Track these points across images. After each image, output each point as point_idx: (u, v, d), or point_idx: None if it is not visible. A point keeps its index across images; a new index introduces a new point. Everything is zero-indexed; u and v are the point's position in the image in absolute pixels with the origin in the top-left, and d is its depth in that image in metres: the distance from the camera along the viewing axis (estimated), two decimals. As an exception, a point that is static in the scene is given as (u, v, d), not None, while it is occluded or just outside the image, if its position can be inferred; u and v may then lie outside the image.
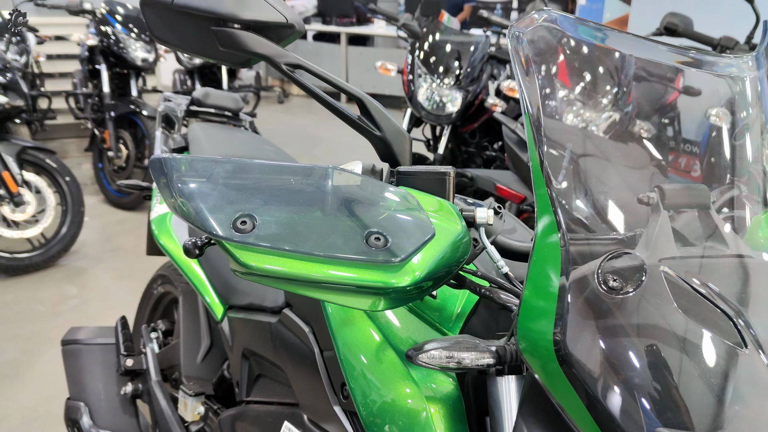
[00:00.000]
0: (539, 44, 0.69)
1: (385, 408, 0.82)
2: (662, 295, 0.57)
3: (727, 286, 0.59)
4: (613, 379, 0.56)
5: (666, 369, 0.55)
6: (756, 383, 0.54)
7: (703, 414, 0.53)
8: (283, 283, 0.68)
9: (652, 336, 0.56)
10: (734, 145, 0.69)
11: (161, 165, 0.69)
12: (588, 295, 0.59)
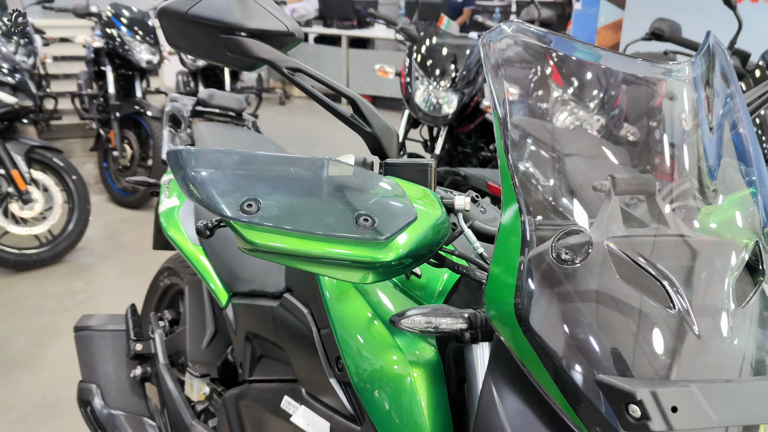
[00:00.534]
0: (507, 51, 0.79)
1: (374, 375, 0.92)
2: (605, 266, 0.67)
3: (663, 259, 0.68)
4: (563, 336, 0.66)
5: (607, 326, 0.65)
6: (680, 336, 0.64)
7: (638, 363, 0.63)
8: (284, 259, 0.78)
9: (596, 299, 0.66)
10: (677, 142, 0.79)
11: (177, 156, 0.79)
12: (544, 267, 0.69)
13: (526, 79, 0.79)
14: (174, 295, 2.17)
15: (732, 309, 0.66)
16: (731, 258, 0.70)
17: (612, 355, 0.63)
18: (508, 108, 0.75)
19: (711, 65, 0.82)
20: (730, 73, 0.83)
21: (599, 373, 0.63)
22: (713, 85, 0.81)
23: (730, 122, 0.80)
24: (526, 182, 0.74)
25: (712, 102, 0.80)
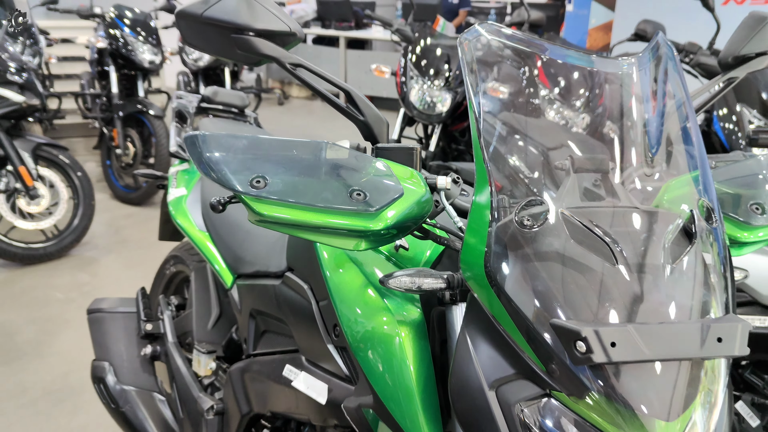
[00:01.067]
0: (481, 49, 0.91)
1: (367, 336, 1.04)
2: (560, 230, 0.79)
3: (611, 225, 0.80)
4: (525, 289, 0.78)
5: (560, 279, 0.77)
6: (621, 287, 0.76)
7: (585, 308, 0.75)
8: (288, 228, 0.89)
9: (552, 258, 0.78)
10: (625, 127, 0.91)
11: (195, 140, 0.91)
12: (509, 232, 0.81)
13: (497, 73, 0.91)
14: (180, 283, 2.29)
15: (666, 265, 0.78)
16: (668, 225, 0.82)
17: (564, 302, 0.75)
18: (481, 98, 0.87)
19: (657, 61, 0.94)
20: (676, 68, 0.95)
21: (553, 317, 0.75)
22: (658, 78, 0.93)
23: (674, 112, 0.92)
24: (495, 163, 0.86)
25: (656, 93, 0.92)
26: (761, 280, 1.57)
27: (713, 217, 0.85)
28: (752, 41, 1.14)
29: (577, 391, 0.75)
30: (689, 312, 0.77)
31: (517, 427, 0.79)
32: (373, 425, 1.03)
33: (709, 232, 0.84)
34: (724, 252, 0.85)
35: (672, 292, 0.77)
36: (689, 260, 0.80)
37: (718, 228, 0.85)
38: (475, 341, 0.84)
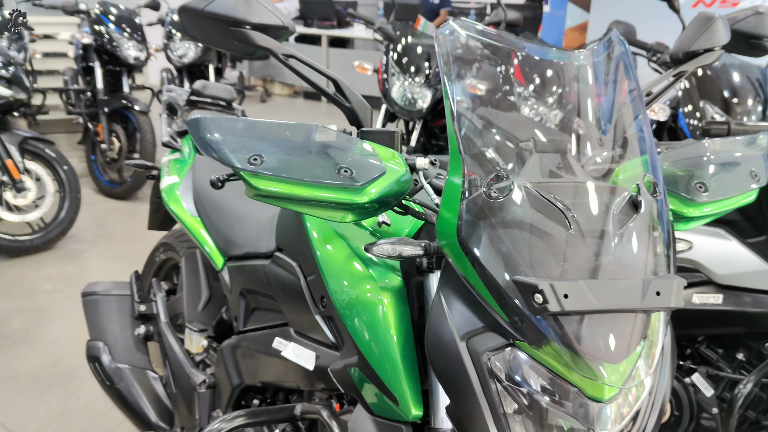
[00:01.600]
0: (455, 43, 1.02)
1: (353, 303, 1.14)
2: (523, 201, 0.90)
3: (567, 197, 0.91)
4: (490, 251, 0.88)
5: (522, 242, 0.88)
6: (574, 249, 0.87)
7: (543, 266, 0.86)
8: (282, 202, 1.00)
9: (514, 225, 0.89)
10: (581, 112, 1.02)
11: (198, 123, 1.01)
12: (477, 204, 0.91)
13: (469, 65, 1.02)
14: (169, 269, 2.37)
15: (613, 231, 0.89)
16: (617, 197, 0.93)
17: (524, 262, 0.86)
18: (455, 87, 0.98)
19: (610, 54, 1.05)
20: (628, 62, 1.06)
21: (515, 275, 0.86)
22: (610, 70, 1.05)
23: (625, 101, 1.04)
24: (467, 143, 0.97)
25: (607, 83, 1.04)
26: (715, 261, 1.70)
27: (657, 191, 0.97)
28: (700, 38, 1.26)
29: (536, 339, 0.86)
30: (633, 270, 0.88)
31: (484, 374, 0.90)
32: (358, 384, 1.13)
33: (654, 204, 0.95)
34: (667, 221, 0.97)
35: (618, 253, 0.88)
36: (634, 227, 0.91)
37: (661, 201, 0.97)
38: (449, 300, 0.95)
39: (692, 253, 1.75)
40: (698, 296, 1.73)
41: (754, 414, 1.67)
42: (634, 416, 0.95)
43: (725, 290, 1.69)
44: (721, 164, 1.17)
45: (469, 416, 0.93)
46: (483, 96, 1.02)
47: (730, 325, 1.68)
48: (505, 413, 0.90)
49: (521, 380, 0.89)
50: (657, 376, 0.97)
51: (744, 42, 1.51)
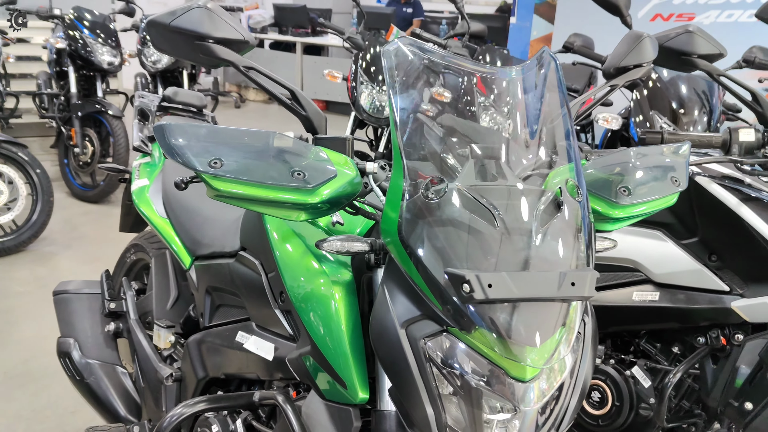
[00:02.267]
0: (401, 58, 1.12)
1: (308, 296, 1.23)
2: (455, 201, 1.00)
3: (496, 199, 1.02)
4: (427, 246, 0.98)
5: (454, 238, 0.98)
6: (499, 244, 0.97)
7: (472, 260, 0.96)
8: (240, 202, 1.09)
9: (448, 223, 0.99)
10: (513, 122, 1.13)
11: (163, 129, 1.09)
12: (416, 204, 1.01)
13: (411, 76, 1.12)
14: (140, 270, 2.44)
15: (536, 229, 1.00)
16: (541, 198, 1.04)
17: (455, 256, 0.97)
18: (399, 98, 1.08)
19: (540, 70, 1.16)
20: (559, 77, 1.17)
21: (447, 267, 0.96)
22: (538, 84, 1.16)
23: (553, 112, 1.15)
24: (409, 150, 1.07)
25: (537, 96, 1.15)
26: (653, 262, 1.82)
27: (579, 193, 1.08)
28: (630, 55, 1.38)
29: (465, 325, 0.96)
30: (552, 264, 0.99)
31: (421, 358, 1.00)
32: (311, 371, 1.23)
33: (575, 205, 1.06)
34: (587, 221, 1.08)
35: (540, 248, 0.99)
36: (556, 225, 1.02)
37: (582, 202, 1.08)
38: (391, 291, 1.05)
39: (633, 254, 1.87)
40: (638, 294, 1.86)
41: (688, 404, 1.80)
42: (556, 396, 1.05)
43: (662, 288, 1.82)
44: (644, 170, 1.28)
45: (408, 397, 1.03)
46: (425, 106, 1.13)
47: (666, 320, 1.80)
48: (440, 394, 1.01)
49: (454, 363, 0.99)
50: (578, 360, 1.08)
51: (675, 58, 1.63)
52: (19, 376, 2.78)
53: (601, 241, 1.23)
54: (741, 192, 1.65)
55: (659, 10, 4.62)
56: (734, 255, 1.68)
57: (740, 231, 1.63)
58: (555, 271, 0.97)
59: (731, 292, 1.68)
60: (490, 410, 1.00)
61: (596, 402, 1.89)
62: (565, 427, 1.08)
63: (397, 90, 1.10)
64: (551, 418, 1.05)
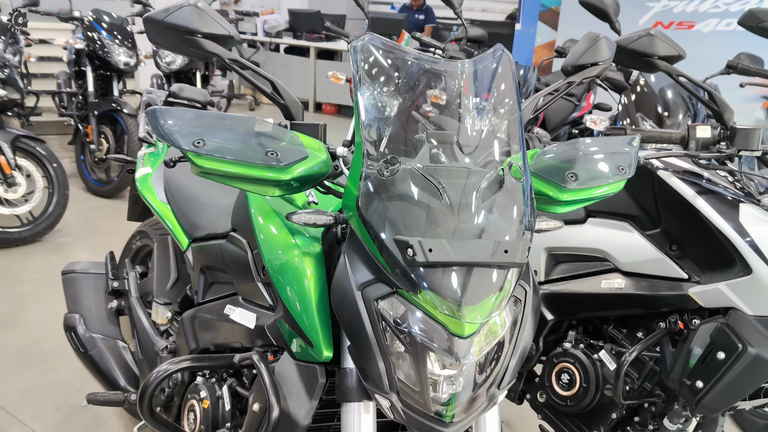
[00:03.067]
0: (366, 52, 1.25)
1: (283, 268, 1.36)
2: (406, 179, 1.13)
3: (444, 177, 1.14)
4: (380, 217, 1.11)
5: (404, 210, 1.10)
6: (444, 216, 1.09)
7: (418, 228, 1.08)
8: (220, 178, 1.22)
9: (399, 197, 1.11)
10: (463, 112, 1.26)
11: (154, 112, 1.23)
12: (372, 181, 1.14)
13: (374, 69, 1.25)
14: (144, 255, 2.59)
15: (477, 204, 1.12)
16: (484, 177, 1.16)
17: (403, 225, 1.09)
18: (362, 86, 1.21)
19: (492, 64, 1.29)
20: (510, 71, 1.30)
21: (396, 235, 1.08)
22: (490, 77, 1.28)
23: (503, 102, 1.27)
24: (368, 133, 1.20)
25: (489, 88, 1.27)
26: (620, 251, 1.93)
27: (522, 175, 1.20)
28: (587, 54, 1.50)
29: (412, 287, 1.08)
30: (489, 234, 1.11)
31: (374, 317, 1.12)
32: (285, 335, 1.36)
33: (516, 185, 1.18)
34: (529, 199, 1.19)
35: (479, 220, 1.11)
36: (495, 201, 1.14)
37: (523, 183, 1.19)
38: (351, 258, 1.18)
39: (601, 244, 1.99)
40: (606, 282, 1.96)
41: (650, 385, 1.90)
42: (497, 357, 1.17)
43: (628, 276, 1.92)
44: (593, 158, 1.40)
45: (363, 353, 1.15)
46: (387, 96, 1.26)
47: (631, 307, 1.91)
48: (391, 351, 1.13)
49: (402, 322, 1.11)
50: (517, 324, 1.19)
51: (637, 59, 1.75)
52: (30, 356, 2.94)
53: (548, 221, 1.35)
54: (698, 185, 1.76)
55: (660, 18, 4.71)
56: (692, 244, 1.78)
57: (697, 222, 1.73)
58: (490, 239, 1.09)
59: (690, 280, 1.78)
60: (434, 365, 1.12)
61: (565, 384, 2.00)
62: (505, 385, 1.19)
63: (361, 80, 1.24)
64: (491, 376, 1.17)
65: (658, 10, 4.70)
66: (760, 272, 1.60)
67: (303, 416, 1.30)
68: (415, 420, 1.15)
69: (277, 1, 11.00)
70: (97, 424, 2.51)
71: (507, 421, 2.71)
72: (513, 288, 1.13)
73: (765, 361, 1.59)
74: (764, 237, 1.62)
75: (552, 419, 2.09)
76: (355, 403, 1.24)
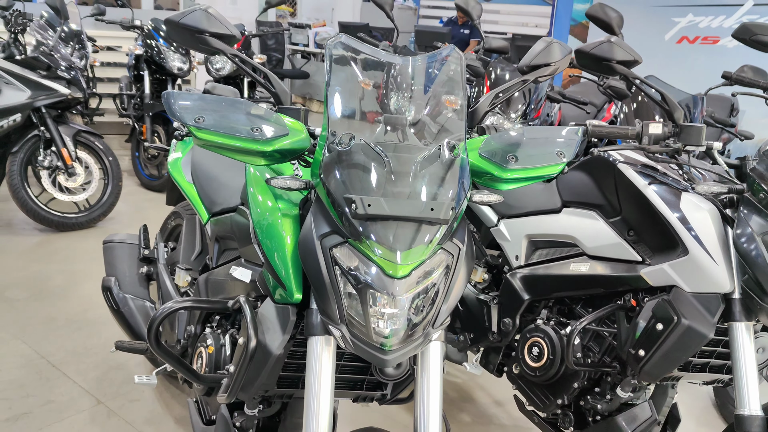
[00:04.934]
0: (338, 48, 1.52)
1: (268, 227, 1.63)
2: (359, 150, 1.39)
3: (391, 151, 1.39)
4: (336, 180, 1.37)
5: (353, 175, 1.36)
6: (386, 180, 1.33)
7: (364, 189, 1.33)
8: (215, 148, 1.50)
9: (351, 165, 1.37)
10: (415, 100, 1.51)
11: (168, 95, 1.53)
12: (332, 152, 1.41)
13: (344, 63, 1.52)
14: (177, 233, 2.92)
15: (414, 172, 1.37)
16: (424, 151, 1.41)
17: (352, 187, 1.35)
18: (333, 76, 1.48)
19: (443, 61, 1.54)
20: (460, 66, 1.55)
21: (347, 194, 1.34)
22: (440, 72, 1.53)
23: (449, 93, 1.52)
24: (333, 114, 1.47)
25: (437, 80, 1.53)
26: (587, 237, 2.13)
27: (458, 152, 1.44)
28: (540, 55, 1.73)
29: (356, 236, 1.34)
30: (422, 195, 1.36)
31: (329, 262, 1.38)
32: (268, 282, 1.63)
33: (452, 159, 1.43)
34: (465, 171, 1.43)
35: (415, 184, 1.36)
36: (431, 170, 1.39)
37: (460, 158, 1.44)
38: (315, 215, 1.45)
39: (572, 231, 2.19)
40: (574, 265, 2.17)
41: (609, 359, 2.09)
42: (431, 301, 1.40)
43: (593, 260, 2.12)
44: (534, 144, 1.63)
45: (320, 292, 1.41)
46: (351, 84, 1.53)
47: (595, 287, 2.11)
48: (342, 289, 1.38)
49: (350, 265, 1.37)
50: (450, 273, 1.42)
51: (598, 63, 1.97)
52: (77, 322, 3.31)
53: (489, 195, 1.58)
54: (650, 176, 1.95)
55: (685, 33, 4.84)
56: (645, 230, 1.97)
57: (647, 209, 1.93)
58: (420, 200, 1.34)
59: (643, 262, 1.97)
60: (376, 304, 1.36)
61: (535, 356, 2.21)
62: (438, 325, 1.43)
63: (332, 70, 1.51)
64: (426, 317, 1.41)
65: (684, 25, 4.83)
66: (696, 253, 1.80)
67: (276, 347, 1.56)
68: (361, 348, 1.39)
69: (331, 14, 11.44)
70: (129, 380, 2.84)
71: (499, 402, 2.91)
72: (440, 241, 1.37)
73: (696, 332, 1.77)
74: (699, 222, 1.81)
75: (524, 389, 2.30)
76: (318, 337, 1.50)
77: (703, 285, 1.79)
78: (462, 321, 2.55)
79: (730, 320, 1.78)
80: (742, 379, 1.74)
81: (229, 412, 1.83)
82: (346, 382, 1.73)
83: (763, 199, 1.72)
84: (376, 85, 1.54)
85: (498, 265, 2.56)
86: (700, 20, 4.81)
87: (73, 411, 2.62)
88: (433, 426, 1.48)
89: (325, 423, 1.46)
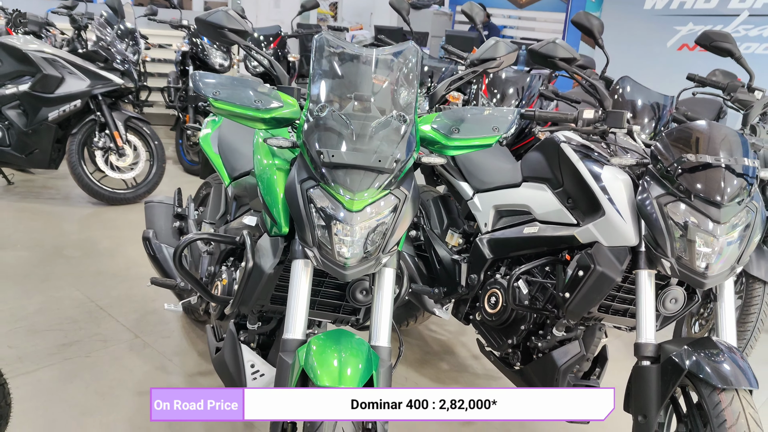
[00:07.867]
0: (322, 42, 2.00)
1: (266, 180, 2.11)
2: (330, 117, 1.85)
3: (358, 120, 1.86)
4: (311, 138, 1.84)
5: (325, 134, 1.83)
6: (350, 141, 1.80)
7: (334, 147, 1.79)
8: (228, 115, 1.99)
9: (324, 128, 1.84)
10: (381, 84, 1.97)
11: (194, 75, 2.03)
12: (311, 120, 1.88)
13: (324, 53, 2.00)
14: (206, 199, 3.44)
15: (371, 133, 1.83)
16: (379, 120, 1.87)
17: (323, 143, 1.82)
18: (315, 64, 1.96)
19: (405, 55, 2.00)
20: (417, 60, 2.00)
21: (317, 148, 1.81)
22: (402, 63, 1.99)
23: (408, 81, 1.98)
24: (315, 92, 1.94)
25: (397, 69, 1.99)
26: (538, 205, 2.55)
27: (408, 121, 1.90)
28: (487, 51, 2.19)
29: (324, 180, 1.81)
30: (372, 150, 1.82)
31: (306, 201, 1.84)
32: (266, 221, 2.10)
33: (401, 125, 1.88)
34: (413, 135, 1.89)
35: (371, 143, 1.82)
36: (384, 134, 1.85)
37: (407, 126, 1.89)
38: (298, 166, 1.92)
39: (526, 200, 2.63)
40: (527, 229, 2.60)
41: (551, 306, 2.51)
42: (383, 232, 1.86)
43: (541, 224, 2.55)
44: (474, 120, 2.07)
45: (300, 225, 1.87)
46: (329, 70, 2.00)
47: (541, 246, 2.53)
48: (315, 221, 1.85)
49: (321, 204, 1.84)
50: (398, 211, 1.87)
51: (544, 60, 2.40)
52: (121, 276, 3.87)
53: (435, 157, 2.04)
54: (583, 153, 2.37)
55: (686, 40, 5.17)
56: (578, 197, 2.39)
57: (579, 180, 2.35)
58: (372, 153, 1.81)
59: (578, 224, 2.39)
60: (337, 230, 1.83)
61: (493, 304, 2.64)
62: (387, 252, 1.89)
63: (315, 59, 1.99)
64: (377, 245, 1.86)
65: (685, 33, 5.16)
66: (610, 214, 2.21)
67: (268, 267, 2.03)
68: (328, 266, 1.86)
69: (369, 19, 11.97)
70: (163, 321, 3.38)
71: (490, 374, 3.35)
72: (388, 186, 1.83)
73: (606, 276, 2.18)
74: (615, 189, 2.22)
75: (484, 333, 2.74)
76: (300, 260, 1.97)
77: (615, 240, 2.21)
78: (438, 277, 3.00)
79: (636, 268, 2.19)
80: (642, 314, 2.14)
81: (236, 329, 2.32)
82: (327, 306, 2.20)
83: (659, 170, 2.13)
84: (350, 70, 2.01)
85: (473, 233, 3.00)
86: (700, 29, 5.14)
87: (116, 342, 3.16)
88: (384, 331, 1.94)
89: (302, 324, 1.93)
